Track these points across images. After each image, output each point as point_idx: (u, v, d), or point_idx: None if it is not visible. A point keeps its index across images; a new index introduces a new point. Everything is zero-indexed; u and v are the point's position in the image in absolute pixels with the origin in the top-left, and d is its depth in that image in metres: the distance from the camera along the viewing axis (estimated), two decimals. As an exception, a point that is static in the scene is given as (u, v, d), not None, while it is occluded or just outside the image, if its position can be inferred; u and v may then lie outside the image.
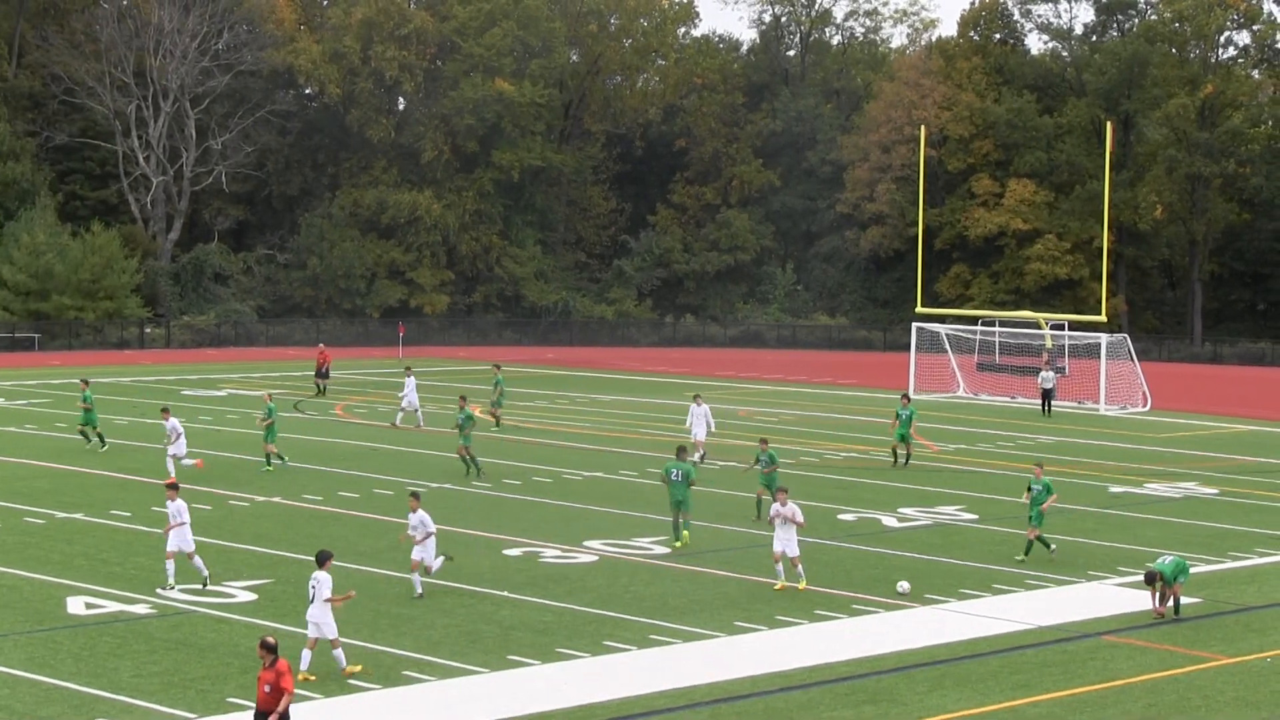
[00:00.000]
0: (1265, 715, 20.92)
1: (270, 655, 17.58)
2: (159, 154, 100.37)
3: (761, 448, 34.95)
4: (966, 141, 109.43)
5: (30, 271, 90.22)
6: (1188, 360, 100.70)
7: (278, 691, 17.40)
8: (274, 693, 17.42)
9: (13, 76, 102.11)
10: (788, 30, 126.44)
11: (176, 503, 26.74)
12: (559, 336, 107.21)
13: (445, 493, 37.82)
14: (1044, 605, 27.05)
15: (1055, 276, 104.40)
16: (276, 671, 17.49)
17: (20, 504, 34.81)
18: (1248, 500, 40.05)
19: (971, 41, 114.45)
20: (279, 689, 17.40)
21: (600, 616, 25.37)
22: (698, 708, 20.62)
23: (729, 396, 66.26)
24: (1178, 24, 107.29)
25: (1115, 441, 53.06)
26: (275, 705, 17.38)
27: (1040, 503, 30.83)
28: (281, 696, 17.39)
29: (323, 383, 63.59)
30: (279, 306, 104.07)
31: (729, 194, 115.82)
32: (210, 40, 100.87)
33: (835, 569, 29.64)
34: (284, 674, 17.50)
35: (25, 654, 22.42)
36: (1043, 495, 30.89)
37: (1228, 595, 28.26)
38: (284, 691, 17.41)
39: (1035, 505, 30.85)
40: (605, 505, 36.39)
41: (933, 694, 21.38)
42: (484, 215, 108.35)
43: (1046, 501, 30.95)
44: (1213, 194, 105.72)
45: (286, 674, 17.53)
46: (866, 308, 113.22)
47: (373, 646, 23.14)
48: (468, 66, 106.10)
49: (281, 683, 17.42)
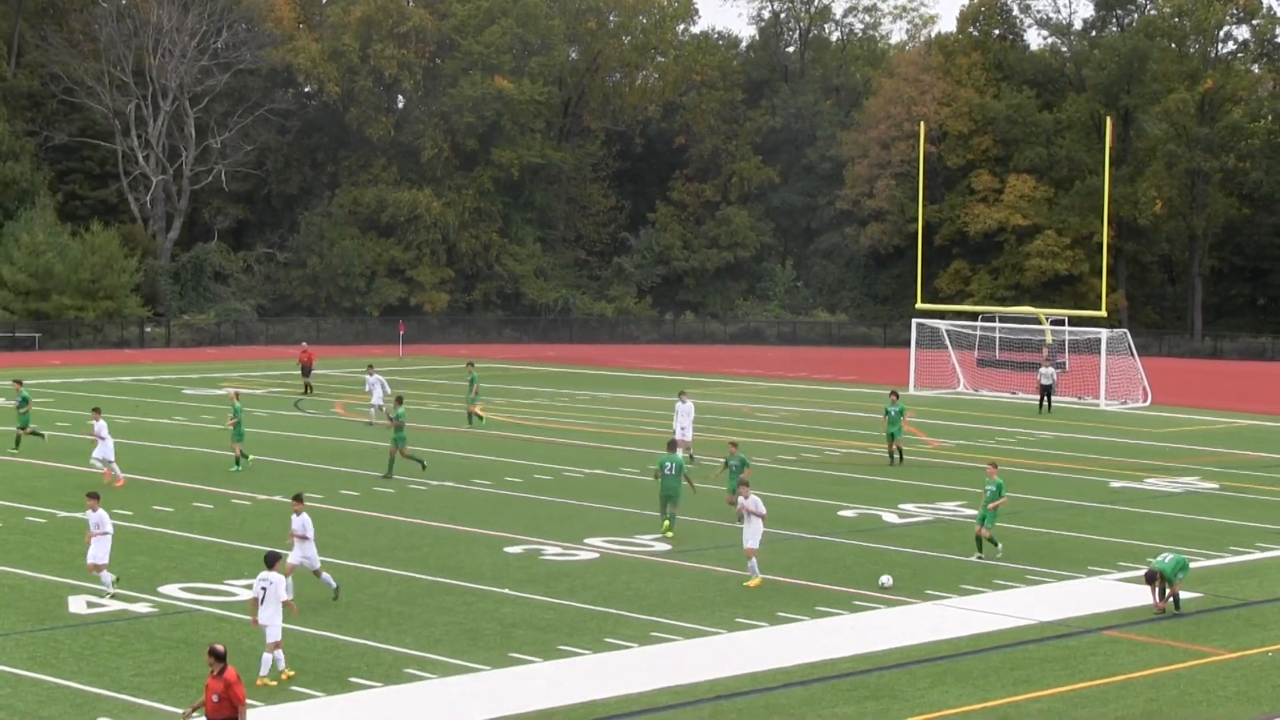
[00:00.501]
0: (1266, 710, 20.93)
1: (219, 664, 17.06)
2: (158, 153, 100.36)
3: (731, 452, 34.38)
4: (966, 137, 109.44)
5: (30, 271, 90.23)
6: (1188, 355, 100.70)
7: (227, 701, 16.93)
8: (223, 702, 16.92)
9: (12, 76, 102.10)
10: (787, 27, 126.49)
11: (98, 513, 25.89)
12: (559, 334, 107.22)
13: (445, 490, 37.83)
14: (1045, 600, 27.05)
15: (1055, 272, 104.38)
16: (225, 681, 17.00)
17: (22, 503, 34.81)
18: (1248, 495, 40.05)
19: (971, 37, 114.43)
20: (228, 699, 16.94)
21: (602, 614, 25.38)
22: (699, 704, 20.62)
23: (729, 393, 66.28)
24: (1177, 18, 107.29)
25: (1116, 437, 53.06)
26: (226, 714, 16.90)
27: (990, 501, 30.58)
28: (234, 707, 16.92)
29: (306, 381, 62.85)
30: (279, 305, 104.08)
31: (729, 191, 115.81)
32: (209, 39, 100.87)
33: (836, 565, 29.65)
34: (233, 683, 17.00)
35: (27, 653, 22.43)
36: (993, 496, 30.56)
37: (1228, 590, 28.27)
38: (236, 701, 16.94)
39: (984, 506, 30.60)
40: (606, 502, 36.40)
41: (934, 689, 21.39)
42: (484, 213, 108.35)
43: (997, 501, 30.69)
44: (1212, 189, 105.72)
45: (236, 683, 17.04)
46: (866, 304, 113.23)
47: (374, 644, 23.15)
48: (467, 64, 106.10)
49: (231, 692, 16.95)
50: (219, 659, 17.09)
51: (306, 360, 63.53)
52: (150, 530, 31.79)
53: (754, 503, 27.94)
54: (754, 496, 28.15)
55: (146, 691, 20.65)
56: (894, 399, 44.60)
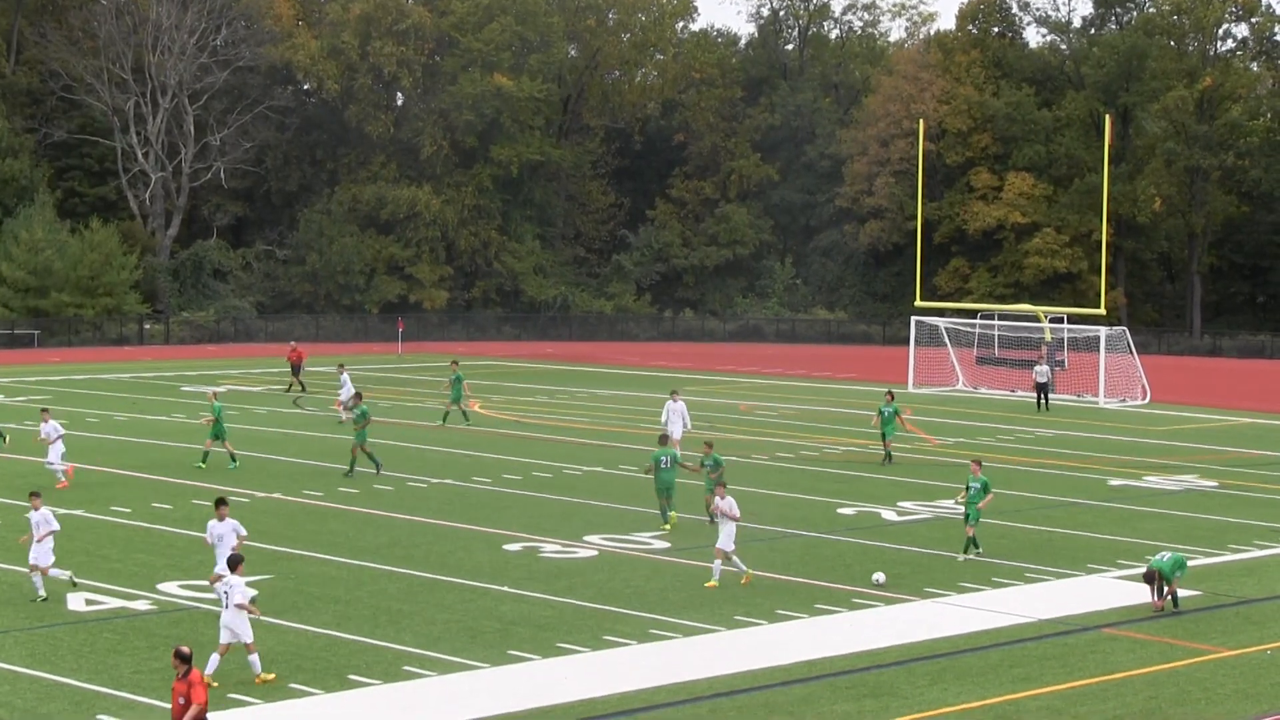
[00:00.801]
0: (1265, 708, 20.94)
1: (184, 666, 16.99)
2: (158, 150, 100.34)
3: (706, 452, 33.82)
4: (965, 135, 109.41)
5: (29, 268, 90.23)
6: (1187, 353, 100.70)
7: (190, 703, 16.90)
8: (187, 704, 16.90)
9: (11, 73, 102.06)
10: (786, 24, 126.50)
11: (40, 512, 25.60)
12: (558, 331, 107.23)
13: (445, 487, 37.85)
14: (1044, 598, 27.06)
15: (1054, 270, 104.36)
16: (189, 683, 16.94)
17: (20, 501, 34.76)
18: (1247, 493, 40.07)
19: (970, 35, 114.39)
20: (190, 700, 16.89)
21: (600, 611, 25.39)
22: (697, 702, 20.63)
23: (728, 391, 66.28)
24: (1176, 16, 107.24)
25: (1114, 434, 53.08)
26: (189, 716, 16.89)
27: (976, 501, 30.52)
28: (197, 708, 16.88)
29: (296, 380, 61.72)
30: (278, 302, 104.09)
31: (728, 188, 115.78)
32: (208, 36, 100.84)
33: (835, 563, 29.66)
34: (195, 685, 16.95)
35: (26, 650, 22.44)
36: (979, 495, 30.48)
37: (1227, 588, 28.28)
38: (197, 702, 16.89)
39: (972, 504, 30.50)
40: (605, 500, 36.41)
41: (933, 688, 21.39)
42: (483, 210, 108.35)
43: (983, 500, 30.62)
44: (1211, 186, 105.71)
45: (199, 685, 16.99)
46: (865, 302, 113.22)
47: (373, 642, 23.16)
48: (466, 62, 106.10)
49: (193, 694, 16.90)
50: (184, 661, 17.04)
51: (295, 359, 63.01)
52: (149, 528, 31.80)
53: (729, 504, 27.56)
54: (729, 499, 27.83)
55: (145, 689, 20.67)
56: (889, 399, 44.56)
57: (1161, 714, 20.56)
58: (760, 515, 33.70)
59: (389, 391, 62.93)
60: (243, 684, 20.85)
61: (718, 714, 20.26)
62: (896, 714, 20.26)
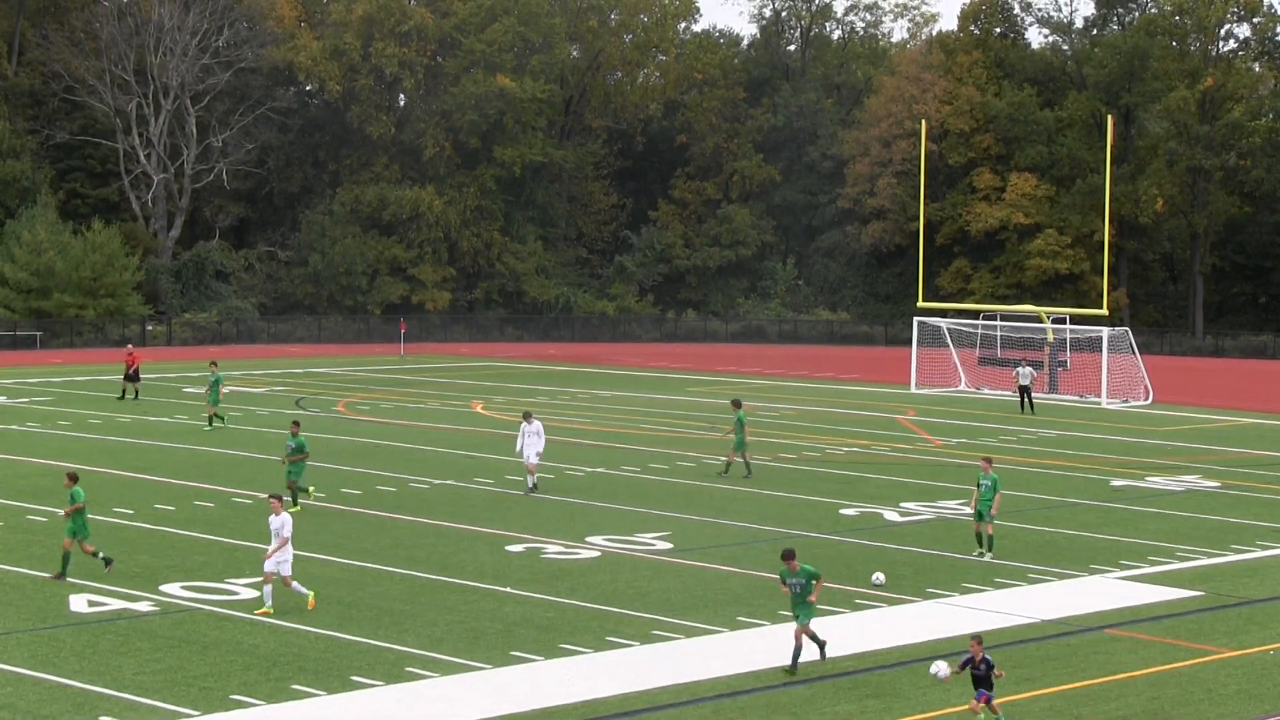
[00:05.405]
0: (1268, 708, 20.92)
1: None
2: (160, 151, 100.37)
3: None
4: (967, 136, 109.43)
5: (31, 269, 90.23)
6: (1189, 354, 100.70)
7: None
8: None
9: (13, 74, 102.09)
10: (788, 25, 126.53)
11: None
12: (560, 332, 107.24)
13: (447, 489, 37.83)
14: (1046, 599, 27.04)
15: (1056, 271, 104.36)
16: None
17: (23, 502, 34.81)
18: (1250, 493, 40.05)
19: (972, 35, 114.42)
20: None
21: (603, 612, 25.37)
22: (700, 703, 20.62)
23: (730, 392, 66.23)
24: (1178, 17, 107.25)
25: (1117, 435, 53.06)
26: None
27: (989, 499, 30.33)
28: None
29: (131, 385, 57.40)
30: (280, 304, 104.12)
31: (730, 189, 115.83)
32: (210, 37, 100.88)
33: (837, 564, 29.61)
34: None
35: (28, 652, 22.42)
36: (990, 492, 30.33)
37: (1230, 589, 28.27)
38: None
39: (985, 502, 30.35)
40: (607, 501, 36.38)
41: (935, 688, 21.35)
42: (485, 211, 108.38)
43: (995, 498, 30.39)
44: (1214, 187, 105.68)
45: None
46: (868, 303, 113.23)
47: (376, 643, 23.15)
48: (468, 63, 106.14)
49: None
50: None
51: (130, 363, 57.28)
52: (152, 529, 31.79)
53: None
54: None
55: (148, 690, 20.65)
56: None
57: (1164, 715, 20.54)
58: (763, 516, 33.65)
59: (391, 393, 62.95)
60: (245, 685, 20.84)
61: (721, 714, 20.25)
62: (899, 714, 20.25)
